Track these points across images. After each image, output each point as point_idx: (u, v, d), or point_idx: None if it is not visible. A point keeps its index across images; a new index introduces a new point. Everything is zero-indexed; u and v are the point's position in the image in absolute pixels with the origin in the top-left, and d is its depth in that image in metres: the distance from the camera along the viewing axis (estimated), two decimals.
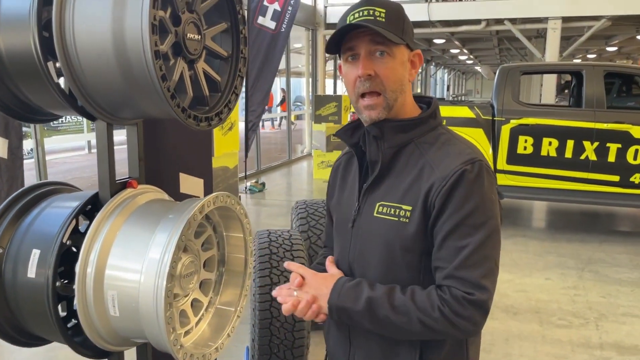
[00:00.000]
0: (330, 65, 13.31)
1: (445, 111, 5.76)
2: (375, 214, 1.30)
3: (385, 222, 1.28)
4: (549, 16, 9.98)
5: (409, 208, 1.25)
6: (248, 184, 7.80)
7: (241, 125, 7.29)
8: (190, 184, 1.77)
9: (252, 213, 6.73)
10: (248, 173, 8.63)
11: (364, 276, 1.32)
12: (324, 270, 1.40)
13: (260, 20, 7.12)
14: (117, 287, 1.30)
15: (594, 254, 4.94)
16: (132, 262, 1.29)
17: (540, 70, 7.16)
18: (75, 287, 1.29)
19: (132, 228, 1.35)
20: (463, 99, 6.48)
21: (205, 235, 1.52)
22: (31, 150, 5.34)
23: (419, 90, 23.13)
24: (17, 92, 1.37)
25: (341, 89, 13.45)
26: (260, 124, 9.14)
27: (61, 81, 1.33)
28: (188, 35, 1.30)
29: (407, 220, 1.24)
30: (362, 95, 1.28)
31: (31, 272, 1.33)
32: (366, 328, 1.25)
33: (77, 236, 1.38)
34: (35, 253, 1.34)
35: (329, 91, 13.41)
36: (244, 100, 7.32)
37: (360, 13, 1.24)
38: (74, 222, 1.35)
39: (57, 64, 1.25)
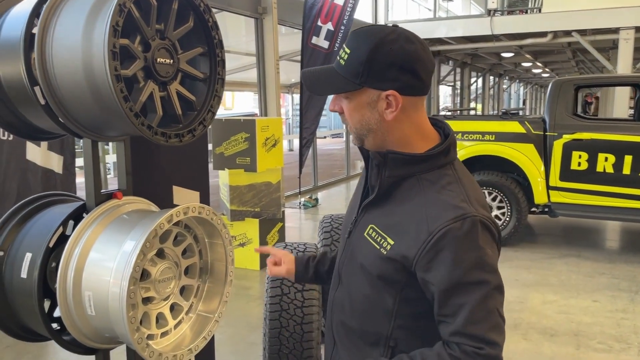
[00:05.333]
0: None
1: (493, 126, 5.64)
2: (364, 234, 1.32)
3: (368, 245, 1.29)
4: (621, 26, 9.49)
5: (391, 242, 1.24)
6: (302, 199, 7.95)
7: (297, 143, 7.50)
8: (184, 196, 1.89)
9: (303, 227, 6.87)
10: (306, 189, 8.81)
11: (349, 285, 1.37)
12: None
13: (314, 40, 7.30)
14: (92, 288, 1.43)
15: None
16: (105, 265, 1.42)
17: (595, 83, 6.84)
18: (57, 286, 1.44)
19: (109, 234, 1.48)
20: (512, 113, 6.15)
21: (185, 243, 1.63)
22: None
23: (491, 104, 22.37)
24: (18, 114, 1.55)
25: None
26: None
27: None
28: (158, 59, 1.43)
29: (385, 252, 1.24)
30: None
31: (24, 273, 1.50)
32: None
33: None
34: (28, 256, 1.50)
35: None
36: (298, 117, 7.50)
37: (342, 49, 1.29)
38: (60, 229, 1.51)
39: None
